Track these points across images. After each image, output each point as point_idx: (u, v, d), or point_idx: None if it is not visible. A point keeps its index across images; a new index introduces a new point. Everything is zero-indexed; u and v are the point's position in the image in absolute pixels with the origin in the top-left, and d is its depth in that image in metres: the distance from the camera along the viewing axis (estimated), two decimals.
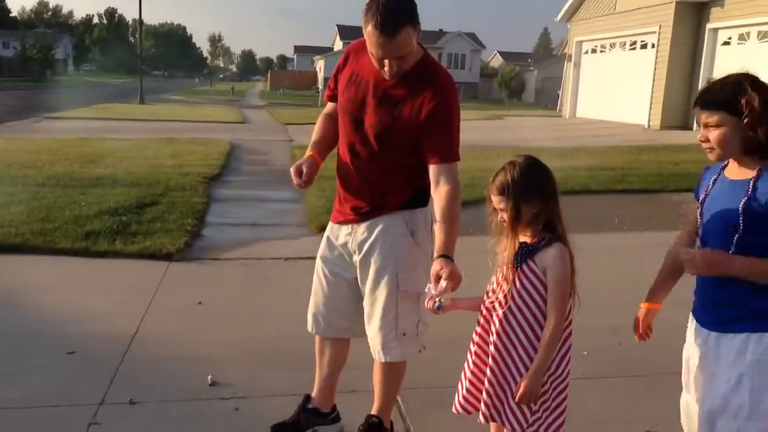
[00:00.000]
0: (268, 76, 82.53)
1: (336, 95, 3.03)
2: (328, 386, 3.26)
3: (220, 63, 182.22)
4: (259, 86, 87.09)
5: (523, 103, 51.23)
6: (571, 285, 2.41)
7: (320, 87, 55.16)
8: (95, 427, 3.27)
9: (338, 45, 70.96)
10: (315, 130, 3.13)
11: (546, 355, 2.37)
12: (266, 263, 6.20)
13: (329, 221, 3.15)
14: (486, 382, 2.46)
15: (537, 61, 68.86)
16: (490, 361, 2.45)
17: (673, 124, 20.12)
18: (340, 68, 3.01)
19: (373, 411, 3.10)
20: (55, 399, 3.52)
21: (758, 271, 2.18)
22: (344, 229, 3.02)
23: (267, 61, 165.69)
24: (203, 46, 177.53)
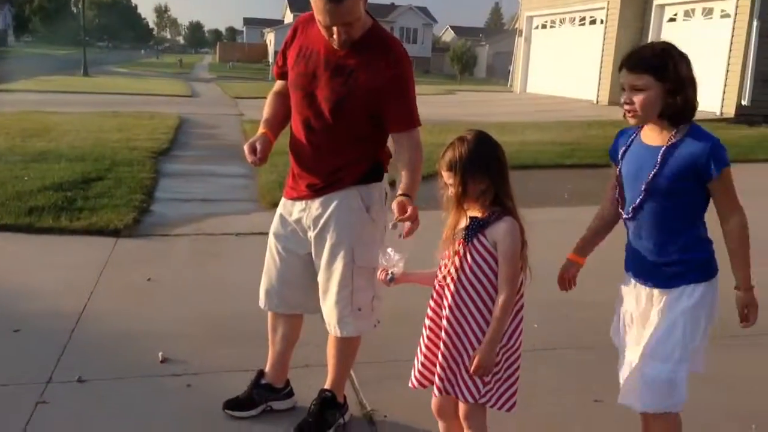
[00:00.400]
0: (217, 49, 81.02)
1: (285, 72, 2.99)
2: (282, 362, 3.26)
3: (167, 34, 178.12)
4: (208, 59, 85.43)
5: (475, 78, 51.45)
6: (523, 258, 2.45)
7: (271, 60, 54.34)
8: (43, 406, 3.20)
9: (288, 17, 69.98)
10: (265, 109, 3.08)
11: (498, 328, 2.40)
12: (218, 239, 6.13)
13: (282, 197, 3.12)
14: (440, 356, 2.49)
15: (488, 36, 69.06)
16: (443, 335, 2.48)
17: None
18: (288, 43, 2.97)
19: (327, 385, 3.11)
20: (1, 378, 3.43)
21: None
22: (298, 205, 2.99)
23: (216, 34, 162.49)
24: (149, 17, 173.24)
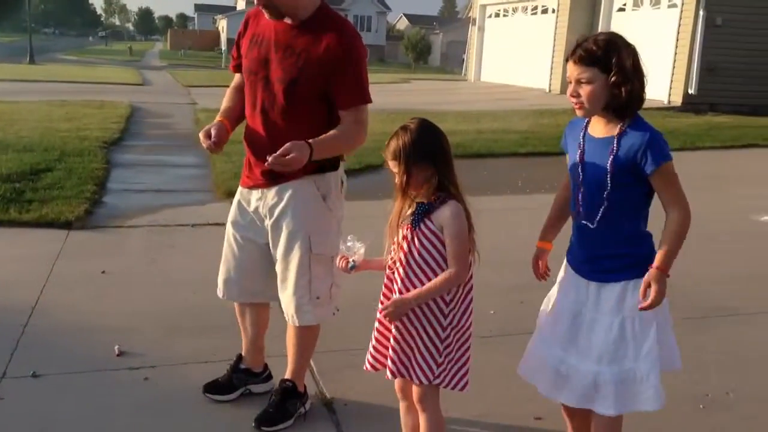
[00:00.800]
0: (168, 36, 79.55)
1: (241, 63, 3.01)
2: (256, 347, 3.28)
3: (116, 21, 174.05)
4: (159, 46, 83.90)
5: (430, 67, 51.59)
6: (471, 241, 2.49)
7: (223, 48, 53.65)
8: None
9: (241, 4, 69.12)
10: (224, 102, 3.11)
11: (429, 292, 2.44)
12: (173, 230, 6.06)
13: (239, 186, 3.11)
14: (391, 339, 2.53)
15: (442, 25, 69.30)
16: None
17: None
18: (241, 34, 3.00)
19: (287, 375, 3.12)
20: None
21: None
22: (254, 194, 2.99)
23: (166, 20, 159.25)
24: (96, 3, 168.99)
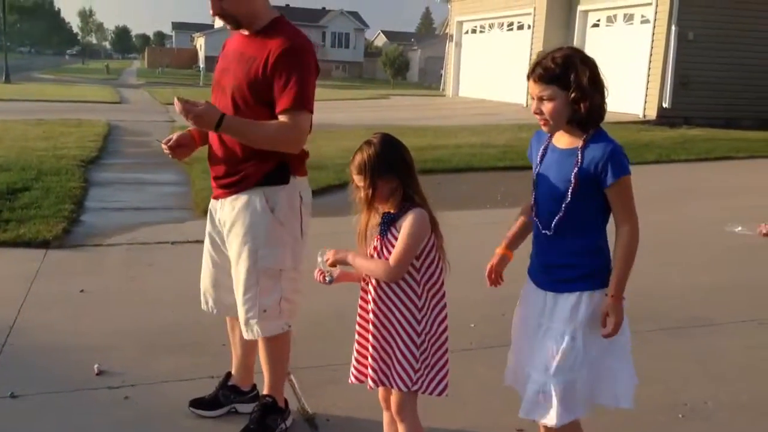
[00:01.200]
0: (146, 54, 79.32)
1: None
2: (244, 365, 3.27)
3: (93, 39, 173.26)
4: (136, 64, 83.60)
5: (408, 83, 51.85)
6: (440, 249, 2.54)
7: (201, 65, 53.55)
8: None
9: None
10: None
11: (361, 265, 2.52)
12: (152, 248, 6.03)
13: None
14: (370, 349, 2.56)
15: (420, 41, 69.75)
16: (372, 329, 2.56)
17: None
18: (220, 57, 3.09)
19: (265, 391, 3.11)
20: None
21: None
22: (218, 205, 3.05)
23: (143, 38, 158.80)
24: (73, 22, 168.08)
